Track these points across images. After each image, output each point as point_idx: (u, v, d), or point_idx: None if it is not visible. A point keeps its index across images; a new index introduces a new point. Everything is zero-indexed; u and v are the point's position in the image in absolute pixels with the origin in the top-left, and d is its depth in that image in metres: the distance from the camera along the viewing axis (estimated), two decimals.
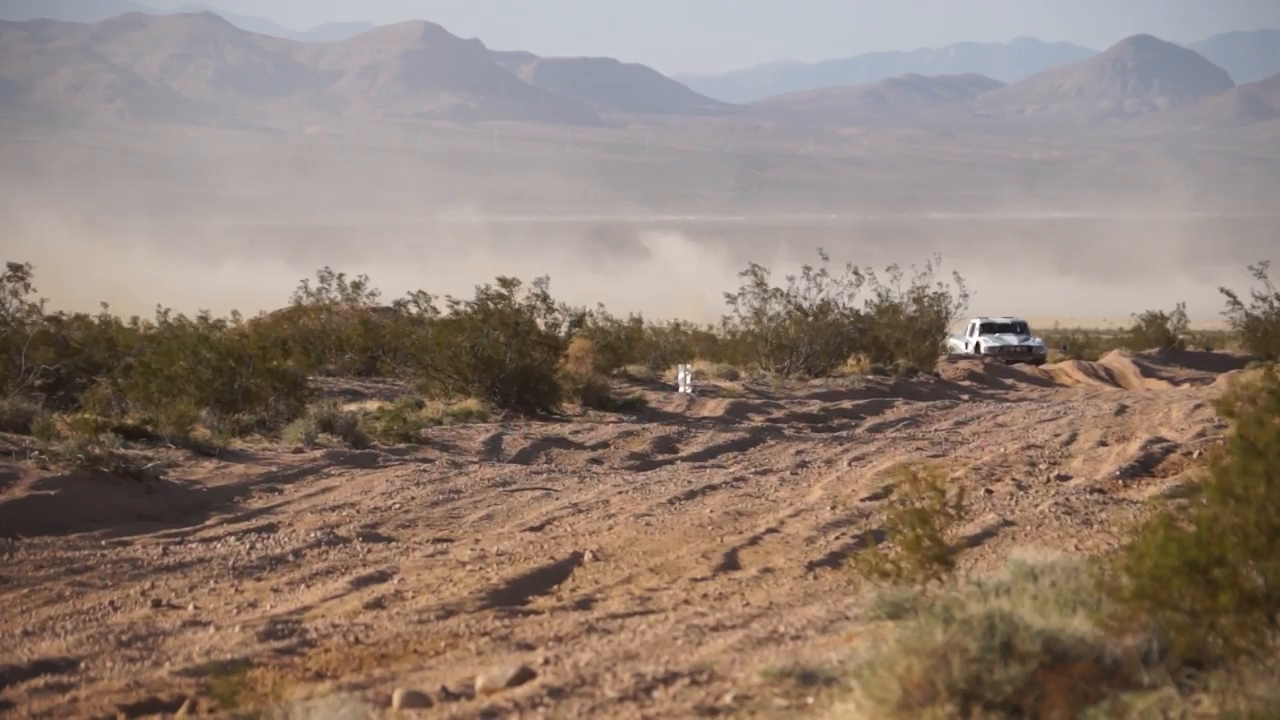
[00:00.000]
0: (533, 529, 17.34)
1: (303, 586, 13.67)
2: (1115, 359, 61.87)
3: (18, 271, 30.12)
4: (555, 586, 13.66)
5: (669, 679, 8.64)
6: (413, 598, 12.95)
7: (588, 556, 14.93)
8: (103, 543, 16.41)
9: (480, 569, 14.26)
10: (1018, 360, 65.14)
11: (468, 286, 37.89)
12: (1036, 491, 19.33)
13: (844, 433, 32.36)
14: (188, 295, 48.33)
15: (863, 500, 19.04)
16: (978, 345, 67.48)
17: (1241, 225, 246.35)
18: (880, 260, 61.44)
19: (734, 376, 46.12)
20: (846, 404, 39.11)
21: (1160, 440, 25.53)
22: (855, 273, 53.23)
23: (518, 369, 32.79)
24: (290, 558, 15.15)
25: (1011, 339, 67.12)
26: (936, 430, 32.50)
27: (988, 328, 68.49)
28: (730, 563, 14.71)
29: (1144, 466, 22.10)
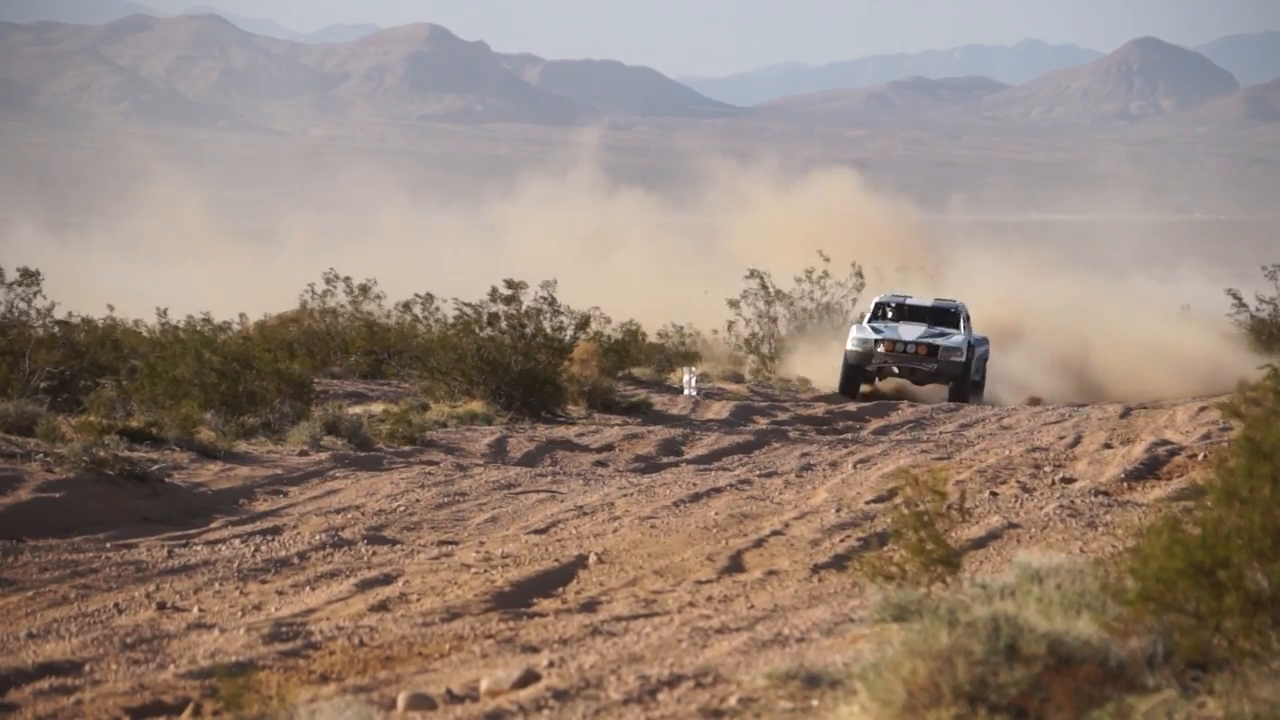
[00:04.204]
0: (537, 531, 17.33)
1: (307, 589, 13.67)
2: None
3: (30, 277, 30.21)
4: (560, 589, 13.66)
5: (674, 681, 8.64)
6: (417, 600, 12.95)
7: (592, 559, 14.92)
8: (107, 545, 16.41)
9: (485, 571, 14.25)
10: (914, 375, 41.86)
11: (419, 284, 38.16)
12: (1041, 494, 19.31)
13: (849, 435, 32.34)
14: (139, 296, 48.22)
15: (868, 503, 19.03)
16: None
17: (1246, 228, 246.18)
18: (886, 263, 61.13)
19: (739, 379, 46.14)
20: (851, 406, 39.10)
21: (1165, 443, 25.51)
22: (859, 275, 53.23)
23: (523, 371, 32.80)
24: (295, 560, 15.15)
25: (911, 333, 41.97)
26: (941, 433, 32.48)
27: (885, 311, 43.29)
28: (735, 565, 14.70)
29: (1149, 469, 22.08)
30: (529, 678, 8.88)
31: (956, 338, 41.79)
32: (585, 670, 9.05)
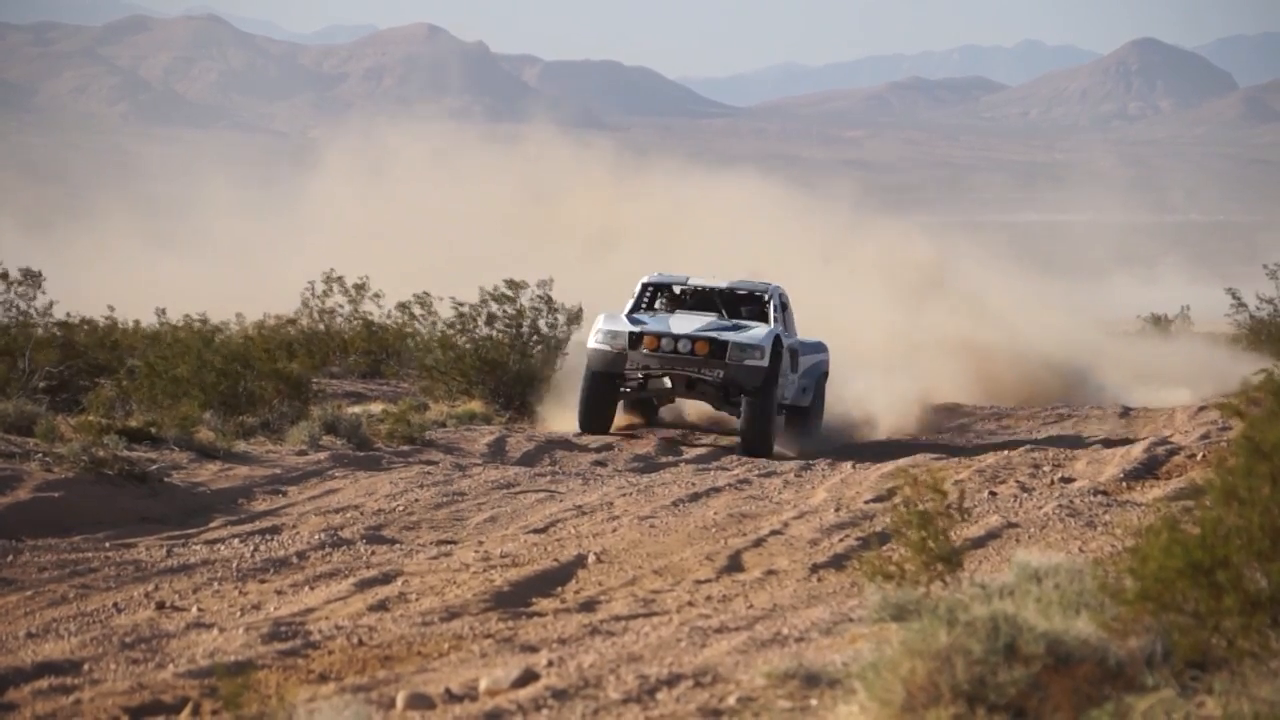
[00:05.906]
0: (536, 531, 17.33)
1: (306, 588, 13.67)
2: None
3: (33, 277, 30.24)
4: (559, 588, 13.65)
5: (673, 681, 8.64)
6: (416, 600, 12.95)
7: (591, 559, 14.92)
8: (106, 545, 16.41)
9: (484, 571, 14.25)
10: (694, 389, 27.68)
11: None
12: (1040, 493, 19.32)
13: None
14: (119, 296, 48.17)
15: (866, 502, 19.04)
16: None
17: (1242, 229, 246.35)
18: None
19: None
20: None
21: (1164, 442, 25.52)
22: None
23: (521, 370, 32.80)
24: (294, 560, 15.14)
25: (685, 324, 27.82)
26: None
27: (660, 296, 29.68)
28: (734, 565, 14.70)
29: (1148, 468, 22.09)
30: (528, 677, 8.89)
31: (756, 332, 27.71)
32: (584, 670, 9.06)
